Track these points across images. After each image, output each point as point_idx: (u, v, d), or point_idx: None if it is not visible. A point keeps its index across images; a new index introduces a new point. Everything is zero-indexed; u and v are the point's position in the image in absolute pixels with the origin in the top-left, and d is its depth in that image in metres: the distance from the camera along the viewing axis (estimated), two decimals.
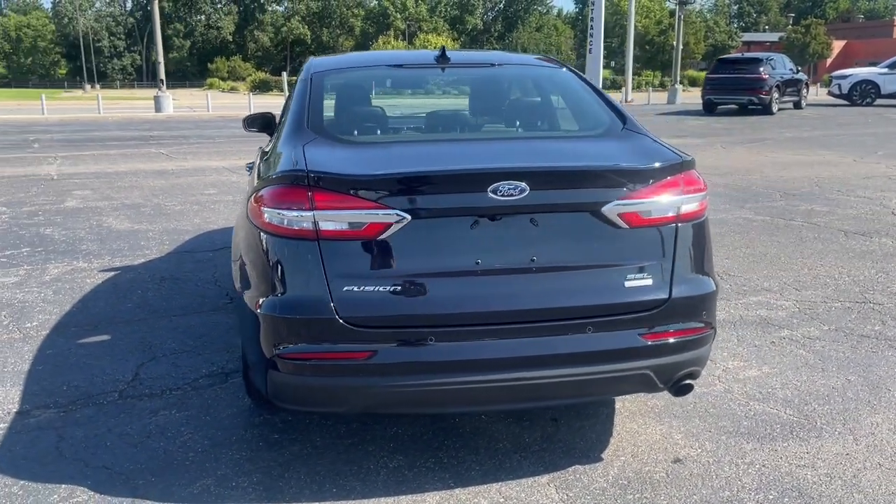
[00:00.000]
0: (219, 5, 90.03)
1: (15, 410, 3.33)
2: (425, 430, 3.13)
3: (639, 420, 3.27)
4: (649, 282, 2.62)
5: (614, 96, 12.34)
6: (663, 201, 2.65)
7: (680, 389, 2.80)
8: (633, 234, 2.62)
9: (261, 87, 59.59)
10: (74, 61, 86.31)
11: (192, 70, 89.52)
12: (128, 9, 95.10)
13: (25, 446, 3.02)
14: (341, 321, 2.47)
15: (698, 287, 2.73)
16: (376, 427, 3.14)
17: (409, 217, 2.48)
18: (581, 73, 3.69)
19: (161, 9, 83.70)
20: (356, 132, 3.24)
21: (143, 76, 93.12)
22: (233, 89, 62.07)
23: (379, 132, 3.40)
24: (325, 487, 2.73)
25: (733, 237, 6.69)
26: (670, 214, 2.66)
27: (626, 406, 3.36)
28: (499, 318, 2.55)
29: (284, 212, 2.52)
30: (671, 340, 2.65)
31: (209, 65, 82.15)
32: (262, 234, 2.61)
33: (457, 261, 2.55)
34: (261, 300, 2.60)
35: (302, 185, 2.51)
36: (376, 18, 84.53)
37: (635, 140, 2.95)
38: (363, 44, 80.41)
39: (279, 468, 2.85)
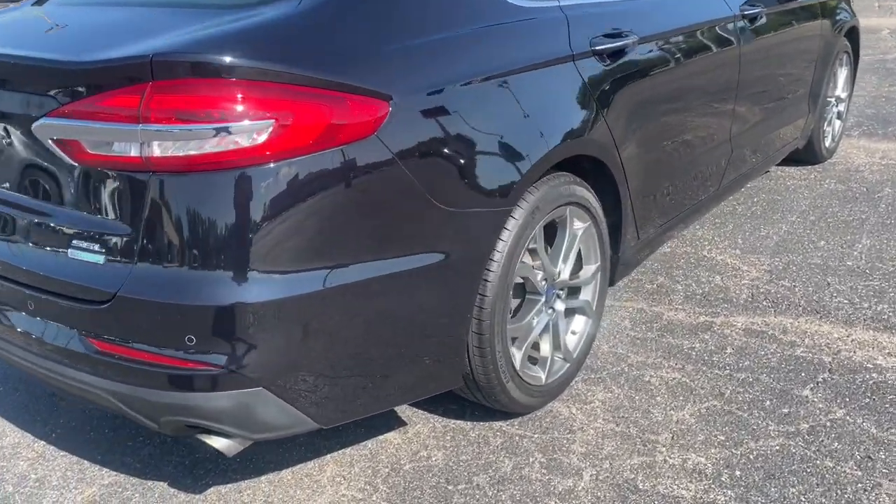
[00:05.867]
0: None
1: None
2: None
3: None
4: (99, 258, 1.67)
5: None
6: (112, 127, 1.58)
7: (213, 445, 1.75)
8: (85, 174, 1.67)
9: None
10: None
11: None
12: None
13: None
14: None
15: (174, 291, 1.58)
16: None
17: None
18: None
19: None
20: None
21: None
22: None
23: None
24: None
25: None
26: (132, 154, 1.57)
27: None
28: None
29: None
30: (128, 361, 1.65)
31: None
32: None
33: None
34: None
35: None
36: None
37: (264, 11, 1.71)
38: None
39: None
